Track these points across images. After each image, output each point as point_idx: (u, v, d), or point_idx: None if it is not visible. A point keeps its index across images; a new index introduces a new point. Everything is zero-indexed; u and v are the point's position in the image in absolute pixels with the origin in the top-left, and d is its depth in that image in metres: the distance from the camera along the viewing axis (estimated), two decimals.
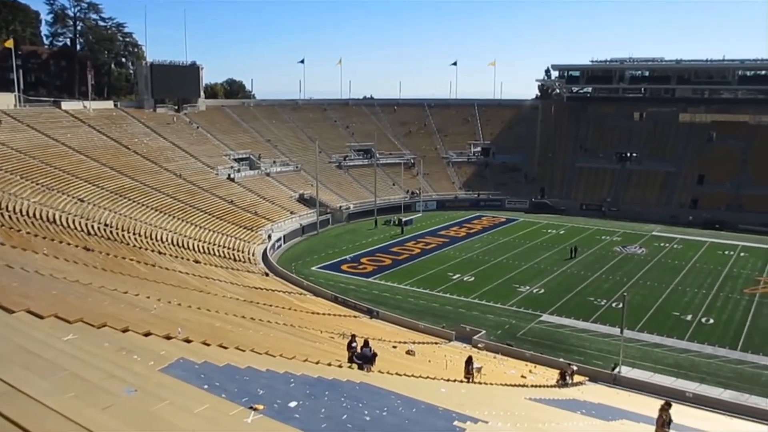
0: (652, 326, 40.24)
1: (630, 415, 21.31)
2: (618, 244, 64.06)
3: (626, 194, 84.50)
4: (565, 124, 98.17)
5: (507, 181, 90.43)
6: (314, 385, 11.49)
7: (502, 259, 57.07)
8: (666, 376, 33.11)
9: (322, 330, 27.33)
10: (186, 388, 8.09)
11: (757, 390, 31.60)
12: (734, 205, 77.67)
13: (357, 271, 53.05)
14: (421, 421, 11.15)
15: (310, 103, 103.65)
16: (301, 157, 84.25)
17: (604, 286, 49.31)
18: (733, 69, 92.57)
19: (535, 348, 36.37)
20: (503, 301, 45.42)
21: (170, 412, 6.51)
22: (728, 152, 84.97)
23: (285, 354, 14.73)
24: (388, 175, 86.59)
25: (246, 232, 58.45)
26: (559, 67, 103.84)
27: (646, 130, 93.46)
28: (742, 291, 48.57)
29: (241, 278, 41.56)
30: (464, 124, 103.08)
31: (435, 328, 38.72)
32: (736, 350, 36.84)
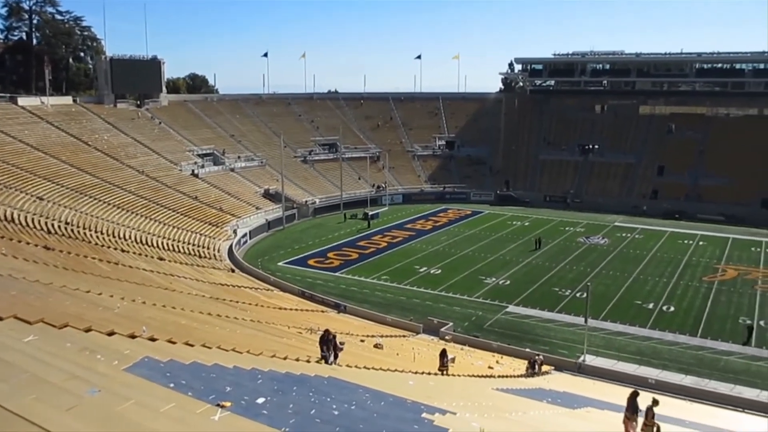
0: (615, 315, 40.98)
1: (595, 403, 21.68)
2: (581, 235, 65.02)
3: (589, 186, 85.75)
4: (528, 116, 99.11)
5: (472, 173, 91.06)
6: (282, 380, 11.47)
7: (468, 252, 57.48)
8: (629, 363, 33.76)
9: (289, 325, 27.24)
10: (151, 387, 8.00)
11: (716, 375, 32.44)
12: (693, 195, 79.41)
13: (324, 266, 52.93)
14: (390, 414, 11.20)
15: (274, 97, 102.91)
16: (266, 152, 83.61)
17: (568, 276, 50.02)
18: (691, 62, 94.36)
19: (501, 339, 36.76)
20: (470, 293, 45.78)
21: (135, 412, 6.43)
22: (686, 143, 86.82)
23: (252, 350, 14.65)
24: (354, 169, 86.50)
25: (211, 229, 57.86)
26: (522, 60, 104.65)
27: (607, 123, 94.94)
28: (701, 279, 49.74)
29: (207, 275, 41.15)
30: (429, 118, 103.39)
31: (402, 321, 38.86)
32: (696, 337, 37.73)
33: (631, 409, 14.83)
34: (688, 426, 14.82)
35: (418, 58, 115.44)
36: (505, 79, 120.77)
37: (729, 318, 40.88)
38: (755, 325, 39.05)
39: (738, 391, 30.44)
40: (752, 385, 31.14)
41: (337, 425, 9.06)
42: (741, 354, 35.31)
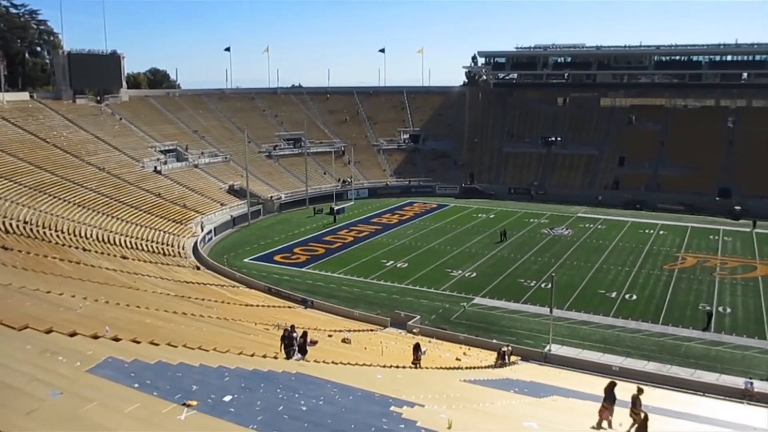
0: (580, 304, 41.64)
1: (561, 391, 22.02)
2: (545, 227, 65.82)
3: (552, 177, 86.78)
4: (492, 110, 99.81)
5: (437, 167, 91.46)
6: (249, 377, 11.41)
7: (435, 245, 57.76)
8: (593, 351, 34.34)
9: (256, 322, 27.09)
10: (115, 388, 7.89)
11: (677, 360, 33.24)
12: (653, 185, 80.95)
13: (290, 262, 52.69)
14: (358, 408, 11.22)
15: (237, 92, 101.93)
16: (230, 147, 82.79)
17: (533, 267, 50.61)
18: (650, 54, 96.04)
19: (468, 331, 37.07)
20: (436, 285, 46.03)
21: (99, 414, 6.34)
22: (646, 135, 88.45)
23: (219, 348, 14.55)
24: (319, 164, 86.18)
25: (175, 226, 57.13)
26: (486, 54, 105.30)
27: (569, 115, 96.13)
28: (662, 267, 50.79)
29: (172, 273, 40.65)
30: (394, 112, 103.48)
31: (370, 316, 38.92)
32: (658, 324, 38.58)
33: (609, 399, 15.09)
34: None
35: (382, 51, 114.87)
36: (469, 72, 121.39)
37: (689, 305, 41.87)
38: (714, 311, 40.05)
39: (698, 375, 31.23)
40: (712, 370, 31.98)
41: (306, 421, 9.05)
42: (701, 339, 36.21)
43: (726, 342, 35.89)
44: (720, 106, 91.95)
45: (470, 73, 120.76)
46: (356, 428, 9.37)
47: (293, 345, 17.21)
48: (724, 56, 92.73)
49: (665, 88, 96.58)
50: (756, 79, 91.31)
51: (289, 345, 17.16)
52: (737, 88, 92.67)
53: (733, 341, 35.99)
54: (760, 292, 44.40)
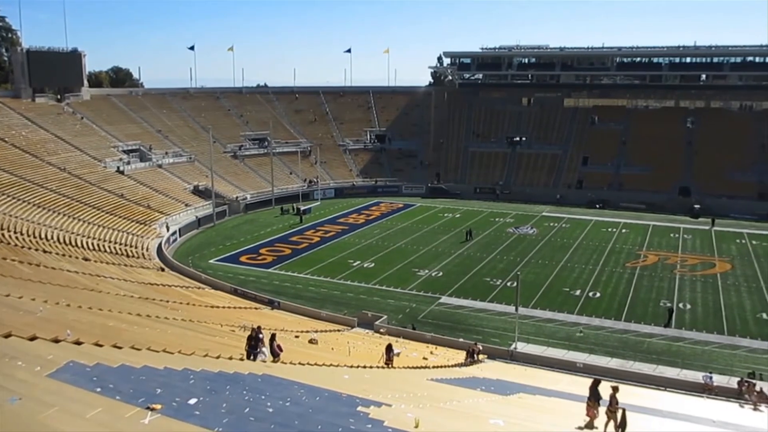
0: (545, 302, 42.16)
1: (527, 389, 22.26)
2: (511, 226, 66.46)
3: (517, 177, 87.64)
4: (457, 110, 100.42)
5: (403, 167, 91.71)
6: (215, 380, 11.30)
7: (401, 244, 57.90)
8: (558, 349, 34.83)
9: (222, 323, 26.83)
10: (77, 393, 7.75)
11: (639, 356, 33.90)
12: (615, 184, 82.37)
13: (256, 262, 52.33)
14: (325, 408, 11.20)
15: (202, 91, 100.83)
16: (195, 147, 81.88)
17: (498, 266, 51.06)
18: (612, 56, 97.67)
19: (435, 330, 37.24)
20: (403, 285, 46.16)
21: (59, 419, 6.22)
22: (609, 135, 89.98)
23: (183, 350, 14.37)
24: (285, 164, 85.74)
25: (139, 227, 56.30)
26: (451, 54, 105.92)
27: (534, 115, 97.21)
28: (625, 265, 51.70)
29: (135, 275, 40.03)
30: (360, 112, 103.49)
31: (337, 316, 38.85)
32: (621, 321, 39.27)
33: (593, 396, 15.29)
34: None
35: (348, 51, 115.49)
36: (435, 72, 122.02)
37: (651, 302, 42.70)
38: (675, 307, 40.94)
39: (660, 370, 31.90)
40: (673, 365, 32.72)
41: (272, 422, 9.00)
42: (662, 335, 36.97)
43: (686, 338, 36.70)
44: (679, 107, 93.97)
45: (436, 73, 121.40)
46: (323, 429, 9.35)
47: (258, 347, 17.06)
48: (683, 58, 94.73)
49: (627, 89, 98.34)
50: (714, 80, 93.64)
51: (254, 347, 17.01)
52: (696, 90, 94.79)
53: (693, 337, 36.83)
54: (719, 289, 45.50)
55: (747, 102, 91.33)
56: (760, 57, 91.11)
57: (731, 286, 46.35)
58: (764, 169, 78.45)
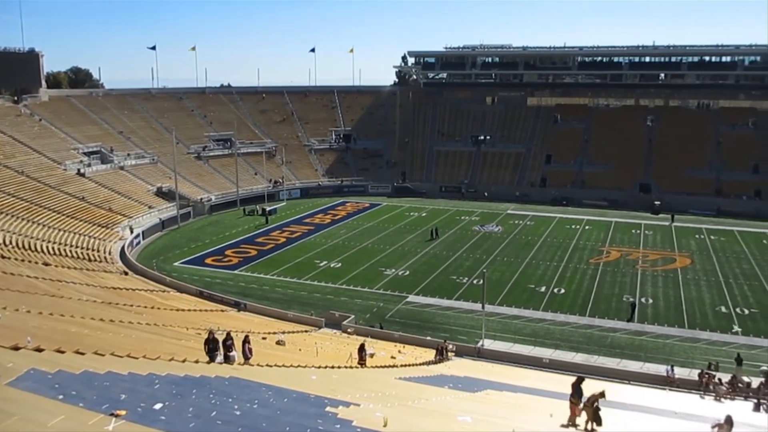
0: (511, 300, 42.60)
1: (494, 385, 22.48)
2: (476, 224, 66.98)
3: (482, 175, 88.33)
4: (422, 109, 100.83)
5: (369, 166, 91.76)
6: (181, 384, 11.18)
7: (368, 244, 57.93)
8: (525, 345, 35.24)
9: (188, 327, 26.53)
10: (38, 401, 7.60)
11: (603, 351, 34.49)
12: (578, 182, 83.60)
13: (222, 264, 51.83)
14: (293, 410, 11.17)
15: (164, 91, 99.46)
16: (157, 148, 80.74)
17: (465, 264, 51.41)
18: (573, 55, 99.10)
19: (403, 329, 37.35)
20: (370, 285, 46.19)
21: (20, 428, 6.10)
22: (571, 133, 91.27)
23: (148, 355, 14.18)
24: (250, 165, 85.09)
25: (101, 230, 55.32)
26: (415, 53, 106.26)
27: (498, 114, 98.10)
28: (588, 261, 52.52)
29: (98, 279, 39.35)
30: (325, 111, 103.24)
31: (304, 317, 38.72)
32: (585, 316, 39.89)
33: (576, 394, 15.50)
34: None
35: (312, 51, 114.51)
36: (399, 72, 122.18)
37: (614, 297, 43.46)
38: (637, 302, 41.72)
39: (624, 364, 32.51)
40: (636, 359, 33.34)
41: (240, 425, 8.94)
42: (625, 330, 37.66)
43: (649, 332, 37.44)
44: (639, 106, 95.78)
45: (401, 72, 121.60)
46: (291, 430, 9.32)
47: (218, 349, 16.85)
48: (643, 57, 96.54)
49: (588, 88, 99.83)
50: (672, 79, 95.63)
51: (213, 349, 16.77)
52: (655, 88, 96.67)
53: (655, 330, 37.60)
54: (679, 283, 46.51)
55: (704, 100, 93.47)
56: (716, 56, 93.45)
57: (691, 280, 47.43)
58: (721, 166, 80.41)
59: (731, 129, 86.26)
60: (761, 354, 34.27)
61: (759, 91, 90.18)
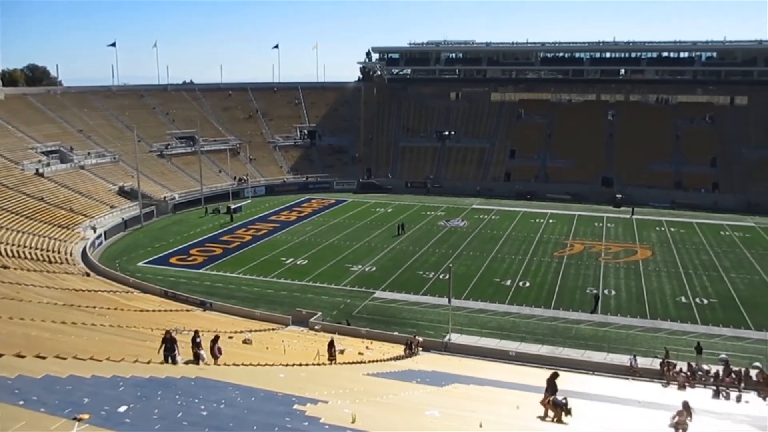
0: (477, 294, 42.97)
1: (461, 379, 22.70)
2: (442, 219, 67.35)
3: (447, 171, 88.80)
4: (387, 105, 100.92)
5: (334, 163, 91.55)
6: (145, 385, 11.06)
7: (334, 241, 57.83)
8: (491, 338, 35.61)
9: (153, 328, 26.19)
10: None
11: (569, 343, 35.03)
12: (542, 176, 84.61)
13: (187, 263, 51.24)
14: (261, 408, 11.14)
15: (125, 89, 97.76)
16: (119, 147, 79.37)
17: (431, 259, 51.67)
18: (536, 51, 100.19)
19: (370, 325, 37.41)
20: (337, 281, 46.15)
21: None
22: (534, 128, 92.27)
23: (112, 357, 14.00)
24: (214, 162, 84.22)
25: (61, 231, 54.23)
26: (379, 49, 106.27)
27: (462, 109, 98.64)
28: (553, 254, 53.22)
29: (59, 281, 38.60)
30: (289, 108, 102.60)
31: (271, 315, 38.53)
32: (550, 309, 40.46)
33: (550, 389, 15.73)
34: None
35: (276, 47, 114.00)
36: (364, 68, 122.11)
37: (578, 289, 44.16)
38: (600, 294, 42.47)
39: (588, 355, 33.08)
40: (600, 349, 33.94)
41: (206, 426, 8.89)
42: (589, 322, 38.31)
43: (612, 323, 38.14)
44: (601, 101, 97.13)
45: (365, 68, 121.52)
46: (258, 429, 9.29)
47: (175, 350, 16.65)
48: (603, 53, 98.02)
49: (551, 83, 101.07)
50: (632, 74, 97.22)
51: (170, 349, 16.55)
52: (616, 83, 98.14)
53: (618, 321, 38.31)
54: (641, 275, 47.45)
55: (663, 95, 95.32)
56: (674, 52, 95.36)
57: (652, 271, 48.42)
58: (680, 159, 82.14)
59: (689, 123, 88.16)
60: (720, 342, 35.19)
61: (715, 87, 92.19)
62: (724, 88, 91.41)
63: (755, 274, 47.91)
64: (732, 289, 44.25)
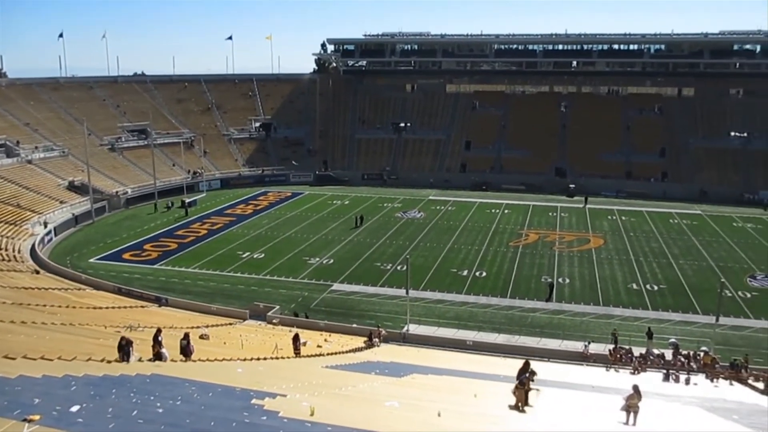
0: (434, 284, 43.30)
1: (419, 369, 22.89)
2: (399, 210, 67.59)
3: (403, 162, 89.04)
4: (343, 97, 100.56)
5: (290, 155, 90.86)
6: (99, 384, 10.86)
7: (291, 234, 57.51)
8: (449, 328, 35.97)
9: (106, 325, 25.71)
10: None
11: (524, 331, 35.63)
12: (497, 167, 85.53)
13: (141, 259, 50.33)
14: (219, 404, 11.04)
15: (73, 81, 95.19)
16: (68, 140, 77.31)
17: (388, 251, 51.83)
18: (490, 43, 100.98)
19: (328, 317, 37.38)
20: (294, 274, 45.96)
21: None
22: (489, 119, 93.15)
23: (64, 356, 13.70)
24: (168, 156, 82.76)
25: (8, 228, 52.64)
26: (335, 41, 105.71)
27: (417, 101, 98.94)
28: (508, 244, 53.94)
29: (7, 279, 37.51)
30: (244, 100, 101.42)
31: (228, 309, 38.15)
32: (506, 298, 41.06)
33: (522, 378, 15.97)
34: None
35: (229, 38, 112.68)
36: (319, 59, 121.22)
37: (533, 278, 44.88)
38: (555, 282, 43.25)
39: (543, 343, 33.70)
40: (555, 337, 34.63)
41: (162, 423, 8.78)
42: (544, 310, 39.00)
43: (566, 310, 38.93)
44: (554, 92, 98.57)
45: (320, 60, 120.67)
46: (216, 425, 9.22)
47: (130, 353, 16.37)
48: (556, 45, 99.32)
49: (505, 75, 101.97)
50: (584, 66, 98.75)
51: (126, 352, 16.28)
52: (568, 75, 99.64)
53: (572, 309, 39.12)
54: (594, 263, 48.48)
55: (614, 87, 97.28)
56: (624, 45, 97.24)
57: (605, 259, 49.50)
58: (631, 149, 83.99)
59: (639, 114, 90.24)
60: (670, 327, 36.23)
61: (664, 78, 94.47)
62: (672, 80, 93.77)
63: (702, 261, 49.41)
64: (681, 276, 45.58)
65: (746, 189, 75.21)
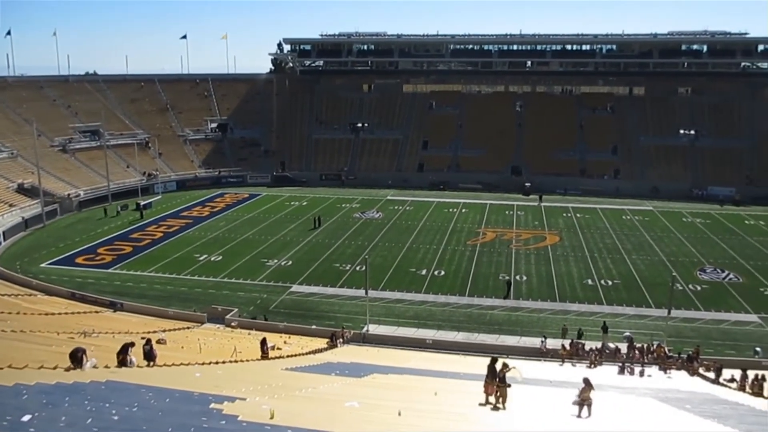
0: (393, 284, 43.47)
1: (380, 369, 22.94)
2: (357, 211, 67.61)
3: (361, 163, 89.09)
4: (300, 97, 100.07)
5: (247, 156, 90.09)
6: (51, 392, 10.59)
7: (249, 235, 57.03)
8: (408, 328, 36.20)
9: (59, 331, 25.07)
10: None
11: (483, 328, 36.06)
12: (454, 166, 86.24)
13: (95, 263, 49.26)
14: (176, 409, 10.89)
15: (21, 80, 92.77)
16: (17, 142, 75.20)
17: (347, 251, 51.81)
18: (446, 43, 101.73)
19: (288, 319, 37.23)
20: (252, 276, 45.59)
21: None
22: (446, 119, 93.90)
23: (15, 364, 13.32)
24: (121, 157, 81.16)
25: None
26: (291, 40, 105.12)
27: (375, 101, 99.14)
28: (466, 243, 54.45)
29: None
30: (199, 100, 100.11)
31: (185, 313, 37.63)
32: (465, 296, 41.48)
33: (490, 375, 16.10)
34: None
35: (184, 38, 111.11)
36: (275, 59, 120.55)
37: (491, 276, 45.42)
38: (512, 280, 43.84)
39: (502, 340, 34.21)
40: (513, 333, 35.17)
41: (118, 430, 8.63)
42: (502, 307, 39.51)
43: (524, 307, 39.50)
44: (509, 92, 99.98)
45: (276, 60, 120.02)
46: (174, 430, 9.10)
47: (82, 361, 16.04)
48: (511, 46, 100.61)
49: (461, 75, 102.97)
50: (538, 66, 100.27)
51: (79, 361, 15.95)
52: (523, 75, 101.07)
53: (529, 306, 39.72)
54: (550, 260, 49.29)
55: (567, 86, 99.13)
56: (577, 45, 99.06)
57: (560, 256, 50.37)
58: (584, 148, 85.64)
59: (592, 113, 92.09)
60: (624, 321, 37.10)
61: (615, 77, 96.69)
62: (624, 79, 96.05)
63: (654, 255, 50.69)
64: (634, 270, 46.68)
65: (695, 185, 77.44)
